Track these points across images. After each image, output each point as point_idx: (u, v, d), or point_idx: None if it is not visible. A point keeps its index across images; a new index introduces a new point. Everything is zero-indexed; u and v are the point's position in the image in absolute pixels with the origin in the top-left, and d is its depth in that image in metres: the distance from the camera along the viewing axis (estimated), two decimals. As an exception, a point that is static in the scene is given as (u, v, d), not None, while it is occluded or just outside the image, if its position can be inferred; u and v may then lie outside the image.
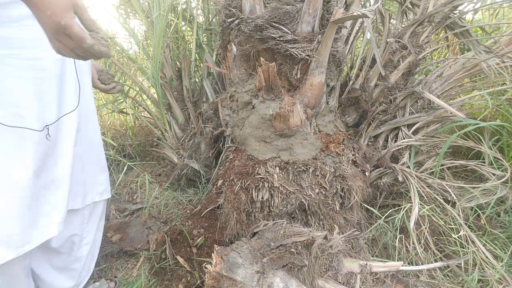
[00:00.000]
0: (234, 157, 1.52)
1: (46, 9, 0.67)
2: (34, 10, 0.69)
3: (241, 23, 1.43)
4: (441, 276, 1.32)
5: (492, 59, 1.69)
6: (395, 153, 1.72)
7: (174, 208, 1.79)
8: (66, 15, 0.68)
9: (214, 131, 1.83)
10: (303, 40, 1.40)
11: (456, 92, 1.96)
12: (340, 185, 1.45)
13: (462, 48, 2.28)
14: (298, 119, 1.39)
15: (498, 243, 1.42)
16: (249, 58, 1.52)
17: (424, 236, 1.40)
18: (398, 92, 1.72)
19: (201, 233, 1.50)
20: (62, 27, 0.68)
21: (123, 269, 1.49)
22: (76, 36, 0.70)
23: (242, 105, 1.55)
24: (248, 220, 1.42)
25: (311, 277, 1.05)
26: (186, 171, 1.91)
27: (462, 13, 1.80)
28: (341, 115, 1.75)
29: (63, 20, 0.67)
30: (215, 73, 1.98)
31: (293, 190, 1.39)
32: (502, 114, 1.97)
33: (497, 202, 1.55)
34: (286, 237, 1.14)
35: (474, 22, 2.58)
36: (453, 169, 1.85)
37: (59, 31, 0.69)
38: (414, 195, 1.44)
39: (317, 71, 1.43)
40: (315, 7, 1.36)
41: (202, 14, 2.28)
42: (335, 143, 1.52)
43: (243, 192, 1.39)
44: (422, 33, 1.74)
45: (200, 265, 1.37)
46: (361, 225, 1.55)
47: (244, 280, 1.02)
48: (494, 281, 1.22)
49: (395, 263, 1.07)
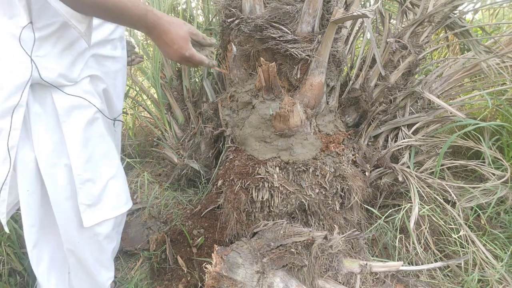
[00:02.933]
0: (234, 157, 1.52)
1: (172, 44, 0.82)
2: (161, 45, 0.84)
3: (241, 23, 1.43)
4: (441, 276, 1.32)
5: (492, 59, 1.69)
6: (395, 153, 1.72)
7: (174, 208, 1.79)
8: (187, 46, 0.84)
9: (214, 131, 1.83)
10: (303, 40, 1.40)
11: (456, 92, 1.96)
12: (340, 185, 1.45)
13: (462, 48, 2.28)
14: (298, 119, 1.39)
15: (498, 243, 1.42)
16: (249, 58, 1.52)
17: (424, 236, 1.40)
18: (398, 92, 1.72)
19: (201, 233, 1.50)
20: (187, 57, 0.85)
21: (123, 269, 1.49)
22: (196, 62, 0.88)
23: (242, 105, 1.55)
24: (248, 220, 1.42)
25: (311, 277, 1.05)
26: (186, 171, 1.90)
27: (462, 13, 1.80)
28: (341, 115, 1.75)
29: (187, 52, 0.84)
30: (215, 73, 1.98)
31: (293, 190, 1.39)
32: (502, 114, 1.98)
33: (497, 202, 1.55)
34: (286, 237, 1.14)
35: (474, 22, 2.58)
36: (453, 169, 1.85)
37: (183, 59, 0.87)
38: (414, 195, 1.44)
39: (317, 71, 1.43)
40: (315, 7, 1.36)
41: (202, 14, 2.28)
42: (335, 143, 1.52)
43: (243, 192, 1.39)
44: (422, 33, 1.74)
45: (200, 265, 1.37)
46: (361, 225, 1.55)
47: (244, 280, 1.02)
48: (494, 281, 1.22)
49: (395, 263, 1.07)
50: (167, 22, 0.80)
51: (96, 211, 0.95)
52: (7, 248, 1.29)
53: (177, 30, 0.81)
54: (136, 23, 0.79)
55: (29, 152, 0.87)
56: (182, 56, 0.85)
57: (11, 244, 1.30)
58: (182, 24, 0.83)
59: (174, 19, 0.82)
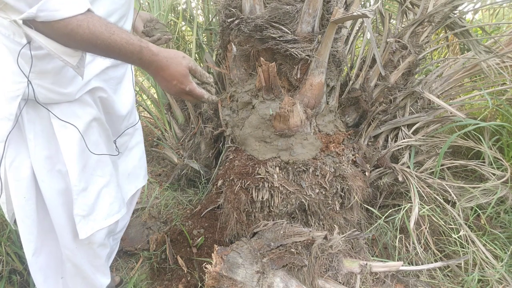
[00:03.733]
0: (234, 157, 1.52)
1: (171, 79, 0.79)
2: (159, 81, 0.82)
3: (241, 23, 1.43)
4: (441, 276, 1.32)
5: (492, 59, 1.69)
6: (395, 153, 1.72)
7: (174, 208, 1.79)
8: (187, 81, 0.80)
9: (214, 131, 1.83)
10: (303, 40, 1.40)
11: (456, 92, 1.96)
12: (340, 185, 1.45)
13: (462, 48, 2.28)
14: (298, 119, 1.39)
15: (498, 243, 1.42)
16: (249, 58, 1.52)
17: (424, 236, 1.40)
18: (398, 92, 1.72)
19: (201, 233, 1.50)
20: (186, 92, 0.82)
21: (123, 269, 1.49)
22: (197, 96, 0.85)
23: (242, 105, 1.55)
24: (248, 220, 1.42)
25: (311, 277, 1.05)
26: (186, 171, 1.90)
27: (462, 13, 1.80)
28: (341, 115, 1.75)
29: (187, 87, 0.81)
30: (215, 73, 1.98)
31: (293, 190, 1.39)
32: (502, 114, 1.97)
33: (497, 202, 1.55)
34: (286, 237, 1.14)
35: (474, 22, 2.59)
36: (453, 169, 1.85)
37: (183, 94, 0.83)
38: (414, 195, 1.44)
39: (317, 71, 1.43)
40: (315, 7, 1.36)
41: (202, 14, 2.28)
42: (335, 143, 1.52)
43: (243, 192, 1.39)
44: (422, 33, 1.75)
45: (200, 265, 1.37)
46: (361, 225, 1.55)
47: (244, 280, 1.02)
48: (494, 281, 1.22)
49: (395, 263, 1.07)
50: (165, 58, 0.77)
51: (89, 222, 0.95)
52: (7, 248, 1.29)
53: (175, 66, 0.78)
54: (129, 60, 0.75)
55: (25, 159, 0.87)
56: (182, 91, 0.82)
57: (11, 244, 1.30)
58: (180, 59, 0.79)
59: (171, 53, 0.79)
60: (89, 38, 0.66)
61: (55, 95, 0.82)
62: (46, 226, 0.98)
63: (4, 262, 1.28)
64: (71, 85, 0.83)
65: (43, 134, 0.87)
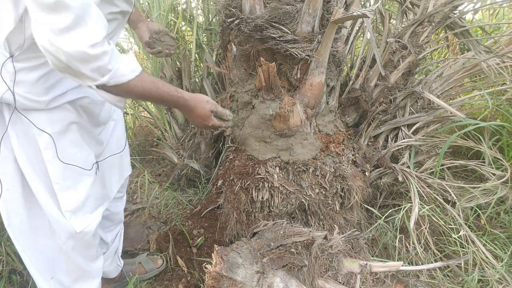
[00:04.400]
0: (234, 157, 1.52)
1: (197, 117, 1.04)
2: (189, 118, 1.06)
3: (241, 23, 1.43)
4: (441, 276, 1.32)
5: (492, 59, 1.69)
6: (395, 153, 1.72)
7: (174, 208, 1.79)
8: (209, 119, 1.05)
9: (214, 131, 1.83)
10: (303, 40, 1.40)
11: (456, 92, 1.96)
12: (340, 185, 1.45)
13: (462, 48, 2.28)
14: (298, 119, 1.39)
15: (498, 243, 1.42)
16: (249, 58, 1.52)
17: (424, 236, 1.40)
18: (398, 92, 1.72)
19: (201, 233, 1.50)
20: (209, 127, 1.09)
21: (123, 269, 1.49)
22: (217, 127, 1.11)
23: (242, 105, 1.55)
24: (248, 220, 1.42)
25: (311, 277, 1.05)
26: (186, 171, 1.90)
27: (462, 13, 1.80)
28: (341, 115, 1.75)
29: (210, 123, 1.07)
30: (215, 73, 1.98)
31: (293, 190, 1.39)
32: (502, 114, 1.97)
33: (497, 202, 1.55)
34: (286, 237, 1.14)
35: (474, 22, 2.59)
36: (453, 169, 1.85)
37: (207, 128, 1.11)
38: (414, 195, 1.44)
39: (317, 71, 1.43)
40: (315, 7, 1.36)
41: (202, 14, 2.28)
42: (335, 143, 1.52)
43: (243, 192, 1.39)
44: (422, 33, 1.74)
45: (200, 265, 1.37)
46: (361, 225, 1.55)
47: (244, 280, 1.02)
48: (494, 281, 1.22)
49: (395, 263, 1.07)
50: (193, 103, 1.00)
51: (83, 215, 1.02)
52: (7, 248, 1.29)
53: (200, 109, 1.02)
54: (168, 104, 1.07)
55: (9, 153, 0.92)
56: (206, 126, 1.08)
57: (11, 244, 1.30)
58: (204, 103, 1.02)
59: (199, 98, 1.02)
60: (142, 93, 0.86)
61: (30, 102, 0.88)
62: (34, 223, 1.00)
63: (4, 262, 1.28)
64: (46, 95, 0.90)
65: (24, 137, 0.91)
